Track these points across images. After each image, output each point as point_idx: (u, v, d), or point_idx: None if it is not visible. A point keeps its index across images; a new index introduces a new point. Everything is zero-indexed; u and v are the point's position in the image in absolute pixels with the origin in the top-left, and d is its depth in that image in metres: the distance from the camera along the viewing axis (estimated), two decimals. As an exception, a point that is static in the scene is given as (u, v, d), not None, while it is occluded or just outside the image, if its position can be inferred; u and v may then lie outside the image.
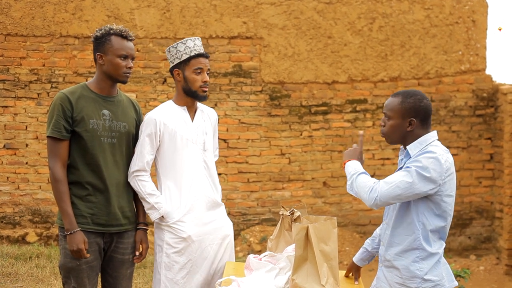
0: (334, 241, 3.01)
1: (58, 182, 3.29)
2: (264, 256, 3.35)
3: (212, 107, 7.81)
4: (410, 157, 3.02)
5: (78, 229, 3.27)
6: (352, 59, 7.97)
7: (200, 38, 3.73)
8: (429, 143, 3.01)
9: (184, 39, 3.70)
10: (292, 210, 3.54)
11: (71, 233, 3.26)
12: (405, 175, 2.90)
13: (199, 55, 3.66)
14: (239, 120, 7.94)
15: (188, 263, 3.62)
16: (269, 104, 7.96)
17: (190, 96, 3.70)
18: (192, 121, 3.73)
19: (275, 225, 7.76)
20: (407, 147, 3.06)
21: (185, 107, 3.73)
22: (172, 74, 3.75)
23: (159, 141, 3.64)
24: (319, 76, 7.96)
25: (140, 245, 3.60)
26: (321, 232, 2.98)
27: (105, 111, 3.40)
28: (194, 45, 3.66)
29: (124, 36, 3.41)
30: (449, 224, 3.03)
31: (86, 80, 7.65)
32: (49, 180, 7.72)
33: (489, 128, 8.03)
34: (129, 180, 3.58)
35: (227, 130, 7.91)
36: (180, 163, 3.66)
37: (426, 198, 2.95)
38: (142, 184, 3.58)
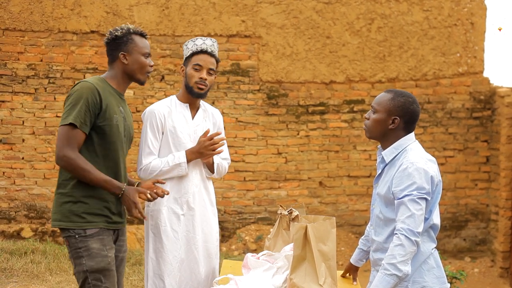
0: (332, 241, 3.01)
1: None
2: (262, 255, 3.35)
3: (209, 105, 7.85)
4: (386, 163, 3.03)
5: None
6: (350, 60, 7.97)
7: (213, 40, 3.73)
8: (404, 148, 2.99)
9: (195, 38, 3.73)
10: (291, 210, 3.54)
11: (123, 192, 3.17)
12: (412, 204, 2.84)
13: (201, 52, 3.67)
14: (236, 118, 7.93)
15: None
16: (267, 103, 7.96)
17: (188, 93, 3.72)
18: (193, 119, 3.75)
19: (271, 224, 7.77)
20: (382, 153, 3.05)
21: (187, 105, 3.76)
22: None
23: (162, 133, 3.67)
24: (316, 76, 7.96)
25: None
26: (320, 232, 2.98)
27: None
28: (202, 43, 3.69)
29: None
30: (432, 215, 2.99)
31: (84, 77, 7.66)
32: (45, 176, 7.68)
33: (485, 130, 8.05)
34: (141, 176, 3.63)
35: (224, 128, 7.89)
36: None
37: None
38: (152, 167, 3.62)
